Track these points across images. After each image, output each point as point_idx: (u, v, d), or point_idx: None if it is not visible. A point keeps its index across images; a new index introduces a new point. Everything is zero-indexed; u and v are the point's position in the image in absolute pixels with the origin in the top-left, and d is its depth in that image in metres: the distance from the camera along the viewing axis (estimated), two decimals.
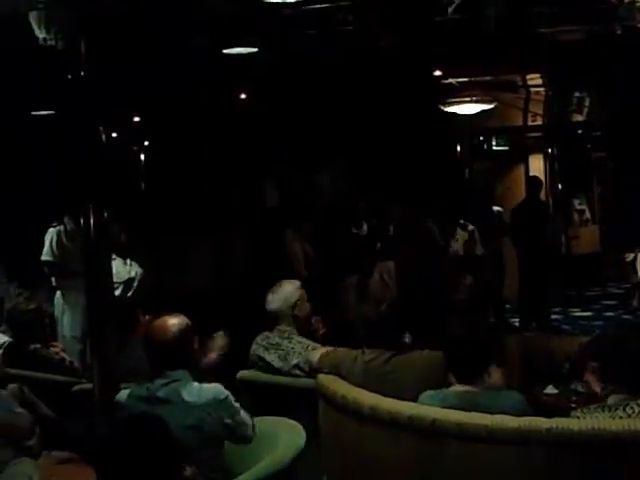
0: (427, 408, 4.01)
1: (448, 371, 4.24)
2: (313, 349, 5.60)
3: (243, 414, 4.29)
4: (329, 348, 5.50)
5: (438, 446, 3.91)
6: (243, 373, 5.81)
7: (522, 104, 13.65)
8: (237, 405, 4.27)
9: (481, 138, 14.67)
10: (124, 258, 8.84)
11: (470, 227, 10.75)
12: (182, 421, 3.81)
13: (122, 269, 8.74)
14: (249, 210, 11.47)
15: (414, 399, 4.17)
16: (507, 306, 11.93)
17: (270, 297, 5.86)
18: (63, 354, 6.51)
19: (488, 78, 11.89)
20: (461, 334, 4.21)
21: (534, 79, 13.08)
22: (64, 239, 8.75)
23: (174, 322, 4.27)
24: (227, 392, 4.21)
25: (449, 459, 3.90)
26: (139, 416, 3.06)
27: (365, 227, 11.15)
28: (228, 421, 4.15)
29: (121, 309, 6.33)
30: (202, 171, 12.05)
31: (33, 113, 10.81)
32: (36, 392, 5.55)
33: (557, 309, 12.39)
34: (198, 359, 4.56)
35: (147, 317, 6.03)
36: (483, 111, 12.12)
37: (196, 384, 4.24)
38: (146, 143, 13.66)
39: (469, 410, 3.88)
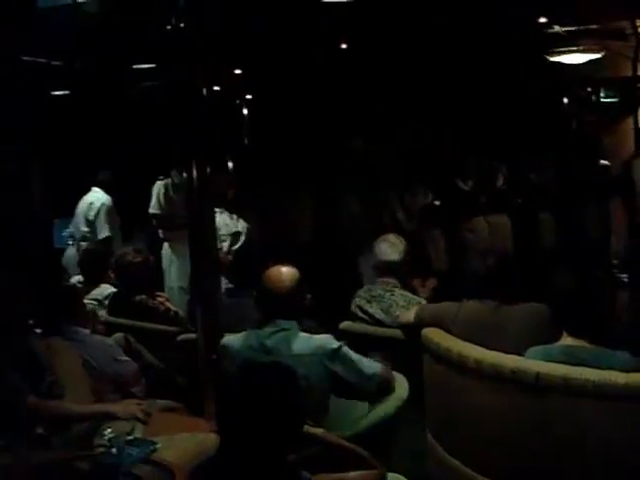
0: (531, 362, 3.94)
1: (556, 324, 4.15)
2: (417, 303, 5.57)
3: (366, 364, 4.27)
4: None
5: (542, 400, 3.85)
6: (345, 324, 5.82)
7: (632, 53, 13.20)
8: (355, 356, 4.26)
9: (588, 89, 14.28)
10: (231, 212, 8.94)
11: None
12: None
13: (230, 222, 8.86)
14: (353, 164, 11.40)
15: (518, 352, 4.11)
16: (615, 262, 11.65)
17: (383, 248, 5.81)
18: (168, 304, 6.59)
19: (595, 26, 11.49)
20: (573, 286, 4.11)
21: None
22: (171, 192, 8.92)
23: (290, 272, 4.29)
24: (339, 342, 4.20)
25: (553, 413, 3.83)
26: (272, 365, 3.02)
27: (470, 182, 10.95)
28: (337, 369, 4.14)
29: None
30: (304, 125, 12.01)
31: (135, 67, 10.89)
32: (142, 341, 5.67)
33: None
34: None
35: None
36: (590, 61, 11.74)
37: (305, 334, 4.24)
38: (248, 97, 13.72)
39: (573, 365, 3.81)
